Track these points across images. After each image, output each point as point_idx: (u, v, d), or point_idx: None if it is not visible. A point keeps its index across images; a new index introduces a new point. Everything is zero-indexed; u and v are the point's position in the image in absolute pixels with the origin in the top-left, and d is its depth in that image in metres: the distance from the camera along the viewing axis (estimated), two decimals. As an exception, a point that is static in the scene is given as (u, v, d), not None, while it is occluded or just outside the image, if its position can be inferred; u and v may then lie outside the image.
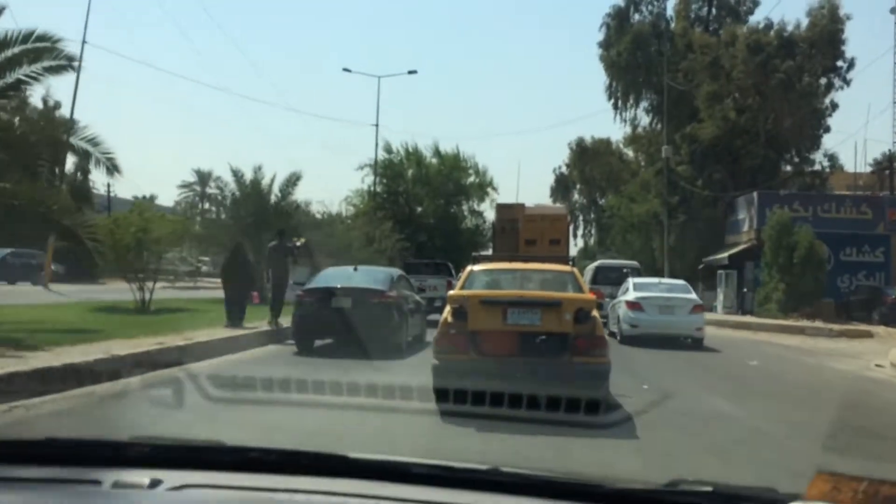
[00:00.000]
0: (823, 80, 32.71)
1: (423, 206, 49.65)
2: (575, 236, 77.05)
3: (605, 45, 42.73)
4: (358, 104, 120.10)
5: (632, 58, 40.11)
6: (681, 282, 19.00)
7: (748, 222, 31.78)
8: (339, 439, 5.19)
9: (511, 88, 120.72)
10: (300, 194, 35.89)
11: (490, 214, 62.63)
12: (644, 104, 44.73)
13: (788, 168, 36.98)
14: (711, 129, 33.95)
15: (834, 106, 33.32)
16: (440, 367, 6.79)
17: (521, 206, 31.98)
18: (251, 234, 23.59)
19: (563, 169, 74.29)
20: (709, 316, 22.69)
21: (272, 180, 24.73)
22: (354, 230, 35.14)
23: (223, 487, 1.65)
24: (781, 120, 33.59)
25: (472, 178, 51.02)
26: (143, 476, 1.63)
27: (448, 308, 7.32)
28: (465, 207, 52.07)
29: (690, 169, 33.99)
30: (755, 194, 31.24)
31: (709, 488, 1.58)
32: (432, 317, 14.28)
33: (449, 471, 1.71)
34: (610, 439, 5.82)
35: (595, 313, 7.26)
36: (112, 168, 15.70)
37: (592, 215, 74.92)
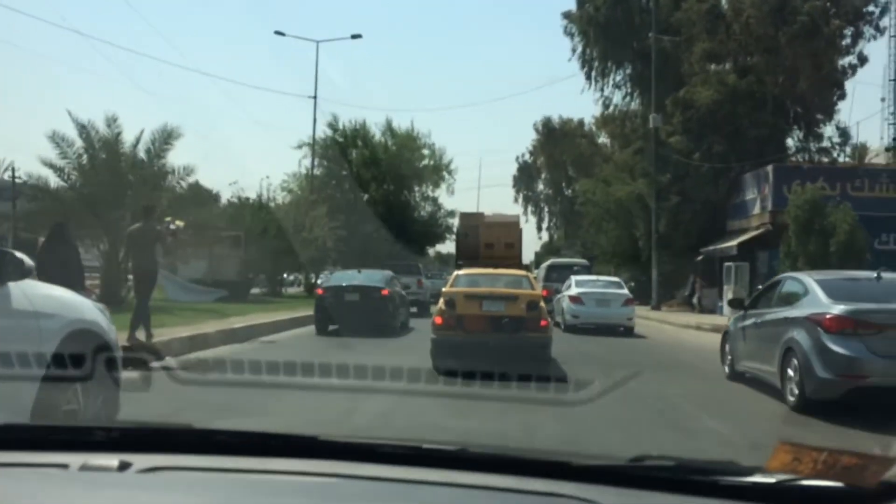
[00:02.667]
0: (850, 30, 26.37)
1: (369, 191, 42.59)
2: (539, 230, 71.26)
3: (579, 2, 36.10)
4: (295, 74, 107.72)
5: (611, 13, 33.53)
6: (615, 278, 21.25)
7: (759, 203, 25.34)
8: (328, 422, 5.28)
9: (468, 57, 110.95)
10: (211, 172, 28.55)
11: (445, 201, 56.30)
12: (624, 72, 38.25)
13: (790, 142, 30.69)
14: (710, 94, 27.50)
15: (862, 60, 26.97)
16: (437, 340, 9.67)
17: (482, 214, 36.64)
18: (102, 210, 16.41)
19: (527, 156, 68.01)
20: (711, 319, 20.76)
21: (137, 139, 17.47)
22: (278, 215, 27.90)
23: (194, 469, 1.63)
24: (794, 82, 27.26)
25: (426, 161, 44.13)
26: (111, 459, 1.59)
27: (441, 300, 10.29)
28: (417, 193, 45.21)
29: (685, 140, 27.48)
30: (769, 168, 24.79)
31: (672, 463, 1.62)
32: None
33: (417, 450, 1.73)
34: (577, 415, 6.19)
35: (542, 304, 10.19)
36: None
37: (558, 206, 68.83)
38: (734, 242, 24.96)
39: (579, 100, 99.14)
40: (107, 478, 1.56)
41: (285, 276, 36.51)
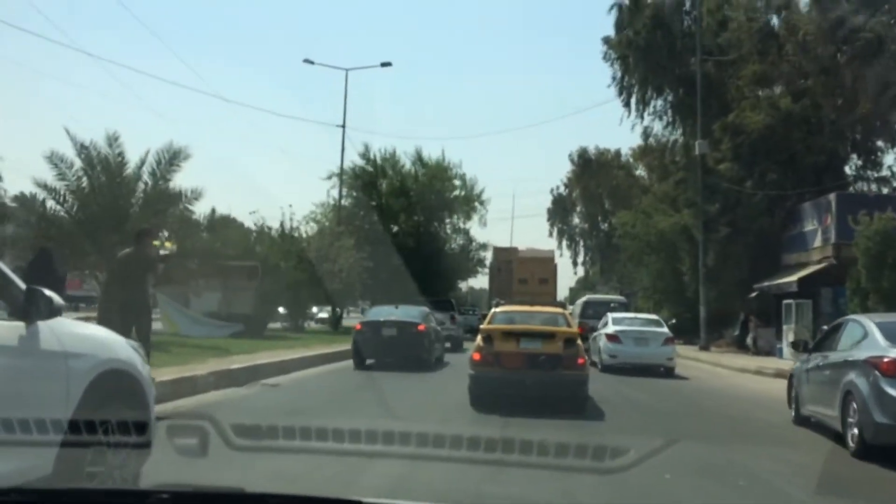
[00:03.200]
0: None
1: (398, 222, 41.01)
2: (575, 264, 68.92)
3: (618, 27, 34.41)
4: (324, 102, 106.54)
5: (651, 37, 31.72)
6: (654, 316, 20.31)
7: (820, 235, 23.09)
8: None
9: (500, 85, 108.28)
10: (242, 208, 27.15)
11: (477, 233, 54.51)
12: (665, 100, 36.32)
13: (848, 170, 28.36)
14: (761, 118, 25.47)
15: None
16: (476, 376, 9.67)
17: (515, 249, 37.09)
18: (98, 236, 14.89)
19: (562, 189, 66.03)
20: (771, 363, 19.14)
21: (142, 160, 15.96)
22: (301, 245, 26.31)
23: None
24: (853, 105, 25.11)
25: (457, 191, 42.45)
26: None
27: (480, 336, 10.20)
28: (447, 224, 43.47)
29: (735, 168, 25.39)
30: (832, 197, 22.58)
31: None
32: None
33: None
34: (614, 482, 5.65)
35: (578, 342, 10.14)
36: None
37: (594, 241, 66.60)
38: (794, 278, 22.68)
39: (616, 130, 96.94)
40: None
41: (313, 310, 34.90)
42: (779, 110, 25.99)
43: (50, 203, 15.51)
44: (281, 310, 29.31)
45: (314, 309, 38.40)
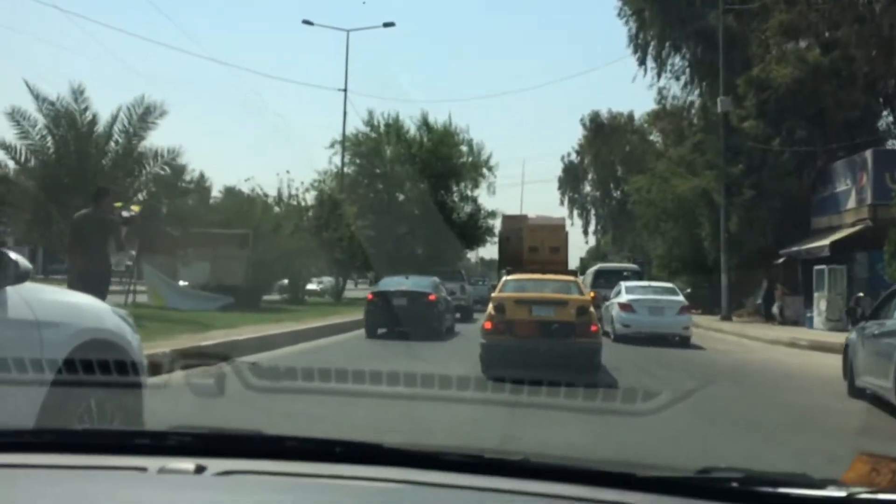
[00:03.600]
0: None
1: (404, 190, 39.41)
2: (586, 234, 67.22)
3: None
4: (324, 67, 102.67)
5: (670, -13, 29.76)
6: (668, 284, 19.30)
7: (854, 195, 21.34)
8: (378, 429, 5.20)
9: (508, 44, 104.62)
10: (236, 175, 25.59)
11: (486, 200, 52.89)
12: (682, 57, 34.42)
13: (882, 126, 26.46)
14: (789, 71, 23.61)
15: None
16: (487, 345, 9.41)
17: (525, 217, 34.41)
18: (65, 200, 13.42)
19: (573, 156, 64.09)
20: (802, 334, 18.05)
21: (114, 116, 14.38)
22: (298, 213, 24.85)
23: (266, 473, 1.67)
24: (889, 56, 23.18)
25: (465, 157, 40.73)
26: (188, 463, 1.64)
27: (491, 305, 9.97)
28: (455, 192, 41.81)
29: (761, 125, 23.59)
30: (868, 154, 20.82)
31: (741, 474, 1.56)
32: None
33: (480, 459, 1.72)
34: (645, 425, 5.78)
35: (591, 309, 9.95)
36: None
37: (606, 209, 64.82)
38: (825, 242, 20.99)
39: (629, 92, 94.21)
40: (185, 480, 1.59)
41: (315, 281, 33.50)
42: (807, 63, 24.11)
43: (11, 164, 14.07)
44: (285, 281, 27.99)
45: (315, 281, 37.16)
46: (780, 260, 23.28)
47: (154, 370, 6.33)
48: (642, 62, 36.03)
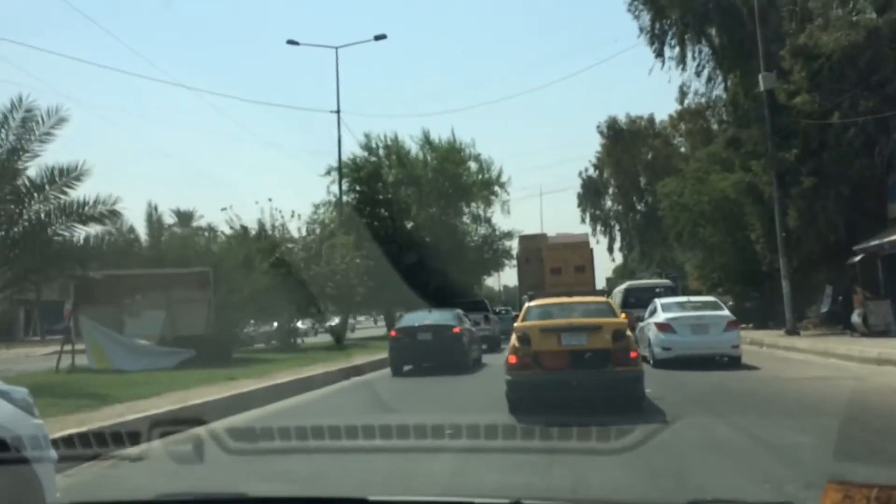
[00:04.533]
0: None
1: (410, 216, 35.86)
2: (611, 251, 63.20)
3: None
4: (315, 89, 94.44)
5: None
6: (710, 298, 17.71)
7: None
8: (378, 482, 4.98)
9: (507, 47, 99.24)
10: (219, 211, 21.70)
11: (500, 220, 49.13)
12: (704, 48, 30.82)
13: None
14: (842, 34, 19.81)
15: None
16: (513, 381, 8.36)
17: (544, 236, 33.29)
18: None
19: (591, 171, 60.27)
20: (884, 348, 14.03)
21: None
22: (272, 244, 21.29)
23: None
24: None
25: (473, 175, 37.19)
26: None
27: (514, 336, 8.78)
28: (466, 214, 38.20)
29: (816, 99, 19.76)
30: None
31: None
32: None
33: None
34: (626, 462, 5.50)
35: (628, 332, 8.72)
36: None
37: (630, 223, 60.81)
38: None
39: (646, 93, 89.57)
40: None
41: (303, 323, 29.87)
42: (860, 27, 20.29)
43: None
44: (274, 325, 24.42)
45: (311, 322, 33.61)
46: (857, 258, 19.22)
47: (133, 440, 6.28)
48: (660, 53, 32.45)
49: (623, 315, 10.47)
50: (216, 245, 17.90)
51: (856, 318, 18.58)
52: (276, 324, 23.88)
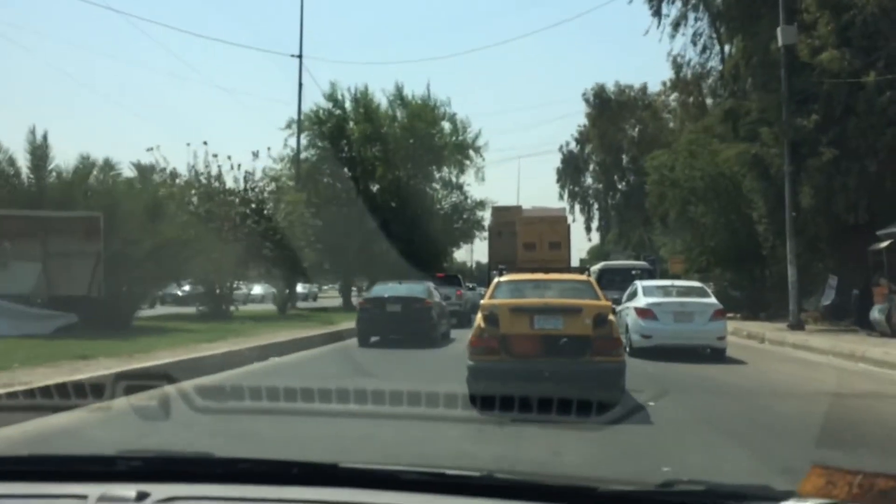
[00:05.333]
0: None
1: (374, 177, 32.53)
2: (589, 230, 60.59)
3: None
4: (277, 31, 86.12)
5: None
6: (696, 284, 15.98)
7: None
8: (348, 448, 4.86)
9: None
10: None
11: (472, 188, 45.85)
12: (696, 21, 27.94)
13: None
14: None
15: None
16: (476, 367, 7.20)
17: (518, 208, 30.66)
18: None
19: (573, 145, 57.13)
20: None
21: None
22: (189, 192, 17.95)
23: (212, 499, 1.61)
24: None
25: (447, 136, 33.92)
26: (129, 489, 1.57)
27: (480, 315, 7.64)
28: (437, 180, 34.92)
29: (847, 56, 16.77)
30: None
31: (702, 487, 1.56)
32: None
33: (441, 477, 1.66)
34: (604, 438, 5.53)
35: (611, 317, 7.58)
36: None
37: (611, 201, 58.11)
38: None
39: (636, 62, 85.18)
40: None
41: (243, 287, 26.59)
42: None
43: None
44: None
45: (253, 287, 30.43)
46: (883, 244, 16.34)
47: (96, 393, 6.17)
48: (657, 11, 29.55)
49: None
50: (119, 186, 14.47)
51: (877, 314, 15.77)
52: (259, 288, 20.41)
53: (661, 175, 28.20)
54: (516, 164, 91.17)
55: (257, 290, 33.54)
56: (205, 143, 19.35)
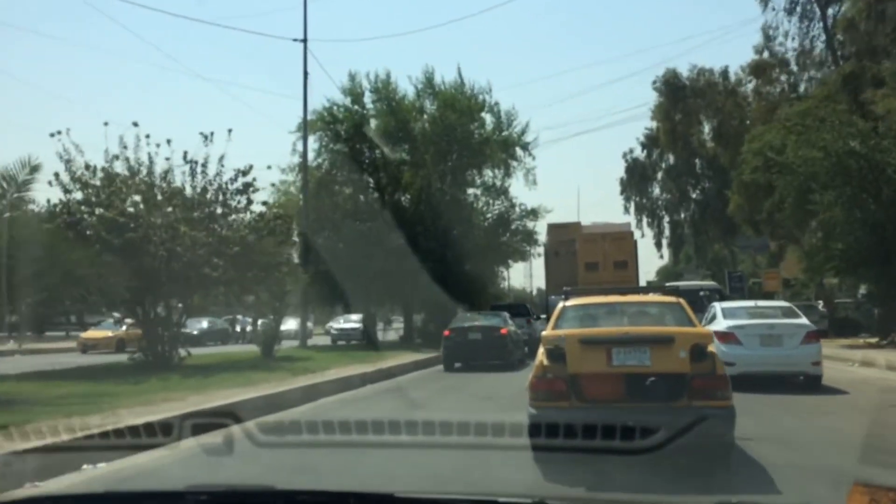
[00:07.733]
0: None
1: (401, 184, 26.52)
2: (658, 247, 53.22)
3: None
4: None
5: None
6: (784, 303, 15.12)
7: None
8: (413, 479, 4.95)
9: None
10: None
11: (521, 194, 39.53)
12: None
13: None
14: None
15: None
16: (538, 415, 5.59)
17: (577, 224, 28.77)
18: None
19: (638, 153, 50.07)
20: None
21: None
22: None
23: None
24: None
25: (488, 131, 27.72)
26: None
27: (542, 350, 6.06)
28: (478, 185, 28.65)
29: None
30: None
31: None
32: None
33: None
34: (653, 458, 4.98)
35: (711, 349, 5.82)
36: None
37: (683, 214, 50.81)
38: None
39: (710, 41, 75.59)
40: None
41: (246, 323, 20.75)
42: None
43: None
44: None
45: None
46: None
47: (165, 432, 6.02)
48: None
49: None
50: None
51: None
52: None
53: (764, 160, 21.37)
54: (573, 172, 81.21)
55: (203, 324, 27.50)
56: (135, 123, 13.53)
